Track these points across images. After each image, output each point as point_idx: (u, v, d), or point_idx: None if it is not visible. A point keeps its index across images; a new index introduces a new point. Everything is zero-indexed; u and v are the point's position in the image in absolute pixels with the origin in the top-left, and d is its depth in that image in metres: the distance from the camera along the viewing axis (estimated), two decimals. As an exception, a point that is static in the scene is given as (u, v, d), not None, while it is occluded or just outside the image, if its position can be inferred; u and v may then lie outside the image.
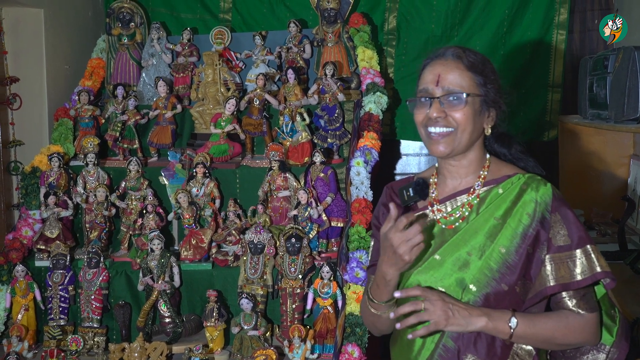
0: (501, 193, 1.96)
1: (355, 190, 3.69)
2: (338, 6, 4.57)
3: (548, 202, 1.90)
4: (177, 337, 3.54)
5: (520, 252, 1.88)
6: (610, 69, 3.89)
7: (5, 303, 3.65)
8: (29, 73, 4.57)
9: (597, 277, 1.87)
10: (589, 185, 4.91)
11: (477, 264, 1.90)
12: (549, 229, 1.89)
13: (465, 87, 1.89)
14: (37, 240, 3.81)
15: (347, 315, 3.24)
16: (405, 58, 5.37)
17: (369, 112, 4.08)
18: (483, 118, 1.96)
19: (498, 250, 1.89)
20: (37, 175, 4.01)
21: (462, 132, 1.91)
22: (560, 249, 1.88)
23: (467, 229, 1.95)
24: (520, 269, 1.88)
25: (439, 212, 2.03)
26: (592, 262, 1.87)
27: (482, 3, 5.22)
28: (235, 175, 4.06)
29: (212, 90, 4.33)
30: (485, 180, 2.00)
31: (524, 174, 1.98)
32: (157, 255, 3.58)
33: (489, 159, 2.04)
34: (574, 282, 1.86)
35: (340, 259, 3.51)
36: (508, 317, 1.85)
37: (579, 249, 1.87)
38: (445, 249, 1.96)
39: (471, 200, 1.98)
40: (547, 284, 1.88)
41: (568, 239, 1.88)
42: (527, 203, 1.91)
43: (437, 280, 1.93)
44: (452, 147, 1.92)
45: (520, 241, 1.89)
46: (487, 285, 1.89)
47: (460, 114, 1.89)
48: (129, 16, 4.78)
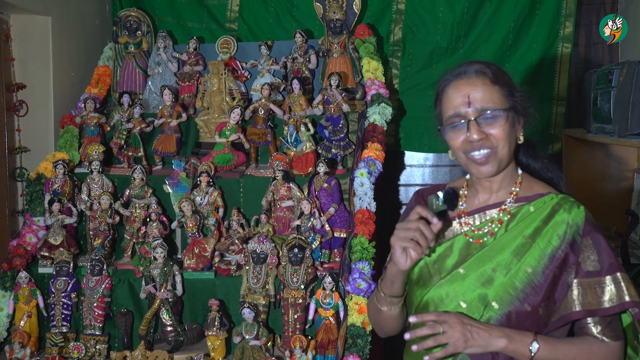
0: (532, 211, 1.92)
1: (359, 201, 3.70)
2: (344, 17, 4.59)
3: (580, 225, 1.86)
4: (178, 346, 3.54)
5: (547, 274, 1.84)
6: (614, 83, 3.90)
7: (8, 309, 3.65)
8: (36, 80, 4.60)
9: (625, 306, 1.82)
10: (593, 199, 4.89)
11: (501, 281, 1.86)
12: (579, 252, 1.85)
13: (497, 101, 1.85)
14: (41, 247, 3.82)
15: (348, 326, 3.24)
16: (411, 69, 5.38)
17: (373, 123, 4.09)
18: (516, 128, 1.92)
19: (524, 270, 1.85)
20: (42, 182, 4.02)
21: (502, 148, 1.86)
22: (589, 274, 1.83)
23: (494, 245, 1.91)
24: (546, 290, 1.83)
25: (467, 225, 1.99)
26: (621, 290, 1.82)
27: (488, 15, 5.23)
28: (239, 185, 4.07)
29: (217, 100, 4.35)
30: (517, 197, 1.96)
31: (557, 194, 1.94)
32: (160, 264, 3.59)
33: (521, 175, 1.99)
34: (601, 309, 1.82)
35: (343, 270, 3.51)
36: (530, 340, 1.80)
37: (608, 276, 1.82)
38: (470, 263, 1.91)
39: (502, 217, 1.94)
40: (572, 309, 1.83)
41: (598, 264, 1.83)
42: (559, 224, 1.87)
43: (459, 294, 1.89)
44: (497, 165, 1.88)
45: (547, 262, 1.84)
46: (510, 304, 1.84)
47: (499, 131, 1.84)
48: (136, 24, 4.81)
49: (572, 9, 5.14)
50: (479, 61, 1.93)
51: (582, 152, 4.90)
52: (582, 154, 4.91)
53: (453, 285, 1.91)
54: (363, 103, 4.46)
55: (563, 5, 5.15)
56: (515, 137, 1.92)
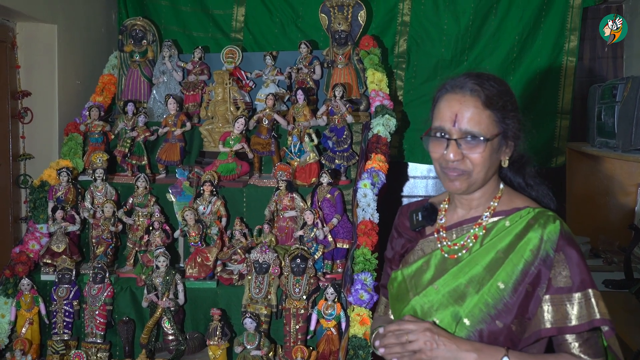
0: (508, 226, 1.88)
1: (362, 212, 3.69)
2: (349, 28, 4.61)
3: (554, 240, 1.80)
4: (180, 355, 3.54)
5: (520, 290, 1.79)
6: (618, 98, 3.90)
7: (10, 316, 3.65)
8: (41, 88, 4.62)
9: (594, 323, 1.76)
10: (596, 213, 4.90)
11: (473, 297, 1.82)
12: (551, 267, 1.79)
13: (484, 127, 1.81)
14: (44, 254, 3.82)
15: (350, 338, 3.23)
16: (415, 81, 5.39)
17: (377, 135, 4.09)
18: (500, 153, 1.88)
19: (496, 286, 1.81)
20: (45, 189, 4.03)
21: (477, 173, 1.84)
22: (559, 290, 1.78)
23: (469, 261, 1.88)
24: (518, 307, 1.79)
25: (444, 240, 1.97)
26: (591, 307, 1.76)
27: (493, 28, 5.25)
28: (243, 194, 4.07)
29: (221, 109, 4.36)
30: (494, 212, 1.93)
31: (534, 208, 1.89)
32: (162, 272, 3.59)
33: (501, 190, 1.96)
34: (569, 327, 1.77)
35: (345, 281, 3.50)
36: (500, 355, 1.75)
37: (579, 292, 1.77)
38: (444, 279, 1.89)
39: (477, 231, 1.92)
40: (542, 326, 1.79)
41: (570, 280, 1.78)
42: (532, 239, 1.82)
43: (432, 311, 1.87)
44: (467, 185, 1.87)
45: (520, 278, 1.80)
46: (482, 321, 1.80)
47: (477, 156, 1.82)
48: (142, 33, 4.83)
49: (577, 22, 5.16)
50: (481, 76, 1.89)
51: (585, 166, 4.90)
52: (585, 168, 4.91)
53: (427, 301, 1.90)
54: (367, 114, 4.47)
55: (568, 19, 5.17)
56: (498, 161, 1.90)
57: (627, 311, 3.62)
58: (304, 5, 5.41)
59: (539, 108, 5.22)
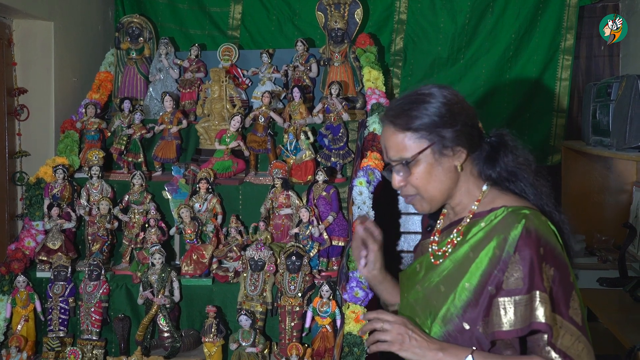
0: (483, 227, 1.86)
1: (357, 210, 3.70)
2: (345, 26, 4.61)
3: (516, 240, 1.77)
4: (175, 352, 3.54)
5: (485, 292, 1.79)
6: (613, 96, 3.90)
7: (5, 313, 3.65)
8: (37, 85, 4.61)
9: (532, 326, 1.74)
10: (591, 211, 4.91)
11: (445, 299, 1.85)
12: (506, 269, 1.77)
13: (406, 150, 1.86)
14: (39, 251, 3.83)
15: (345, 335, 3.24)
16: (412, 79, 5.39)
17: (373, 133, 4.09)
18: (448, 160, 1.88)
19: (463, 286, 1.82)
20: (41, 186, 4.02)
21: (425, 191, 1.89)
22: (508, 292, 1.76)
23: (446, 264, 1.90)
24: (484, 309, 1.79)
25: (434, 244, 2.01)
26: (532, 310, 1.74)
27: (489, 27, 5.25)
28: (238, 192, 4.07)
29: (217, 107, 4.36)
30: (473, 215, 1.92)
31: (508, 207, 1.85)
32: (158, 270, 3.59)
33: (484, 192, 1.94)
34: (512, 330, 1.75)
35: (340, 278, 3.51)
36: (465, 354, 1.77)
37: (526, 295, 1.74)
38: (426, 281, 1.94)
39: (455, 237, 1.93)
40: (494, 328, 1.77)
41: (521, 282, 1.74)
42: (499, 239, 1.79)
43: (416, 310, 1.94)
44: (428, 204, 1.93)
45: (484, 279, 1.79)
46: (450, 321, 1.83)
47: (414, 178, 1.88)
48: (138, 31, 4.83)
49: (573, 21, 5.16)
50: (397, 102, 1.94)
51: (581, 165, 4.92)
52: (581, 166, 4.92)
53: (413, 300, 1.97)
54: (363, 112, 4.47)
55: (564, 17, 5.17)
56: (450, 169, 1.89)
57: (621, 309, 3.64)
58: (301, 3, 5.41)
59: (535, 106, 5.23)
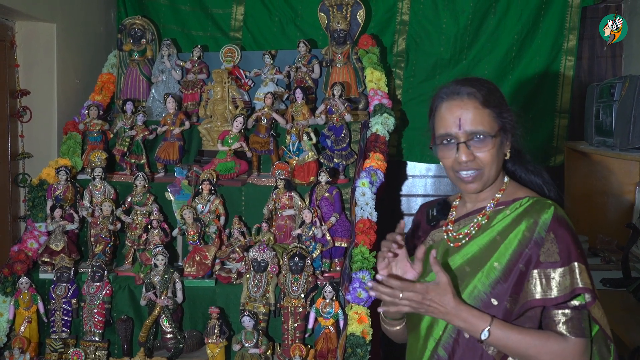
0: (508, 214, 2.00)
1: (360, 211, 3.70)
2: (348, 27, 4.61)
3: (547, 223, 1.91)
4: (178, 353, 3.55)
5: (515, 269, 1.90)
6: (616, 97, 3.90)
7: (8, 315, 3.66)
8: (40, 86, 4.61)
9: (576, 292, 1.85)
10: (595, 212, 4.90)
11: (472, 277, 1.96)
12: (541, 246, 1.90)
13: (487, 125, 1.95)
14: (42, 253, 3.83)
15: (348, 336, 3.24)
16: (414, 80, 5.38)
17: (375, 133, 4.09)
18: (504, 147, 2.02)
19: (492, 266, 1.93)
20: (44, 188, 4.03)
21: (489, 170, 1.98)
22: (546, 265, 1.88)
23: (470, 245, 2.02)
24: (513, 285, 1.90)
25: (450, 232, 2.10)
26: (574, 278, 1.86)
27: (492, 28, 5.24)
28: (241, 193, 4.07)
29: (220, 108, 4.36)
30: (497, 202, 2.05)
31: (532, 197, 2.02)
32: (161, 271, 3.59)
33: (506, 183, 2.09)
34: (552, 297, 1.87)
35: (343, 279, 3.51)
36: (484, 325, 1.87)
37: (565, 267, 1.87)
38: (446, 265, 2.02)
39: (480, 220, 2.04)
40: (528, 297, 1.89)
41: (558, 256, 1.88)
42: (528, 223, 1.93)
43: None
44: (482, 184, 2.00)
45: (514, 258, 1.91)
46: (477, 297, 1.93)
47: (486, 155, 1.96)
48: (141, 32, 4.84)
49: (575, 22, 5.15)
50: (472, 80, 2.02)
51: (583, 165, 4.91)
52: (583, 167, 4.91)
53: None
54: (366, 113, 4.47)
55: (567, 18, 5.16)
56: (503, 155, 2.03)
57: (624, 309, 3.63)
58: (303, 4, 5.40)
59: (537, 107, 5.22)
